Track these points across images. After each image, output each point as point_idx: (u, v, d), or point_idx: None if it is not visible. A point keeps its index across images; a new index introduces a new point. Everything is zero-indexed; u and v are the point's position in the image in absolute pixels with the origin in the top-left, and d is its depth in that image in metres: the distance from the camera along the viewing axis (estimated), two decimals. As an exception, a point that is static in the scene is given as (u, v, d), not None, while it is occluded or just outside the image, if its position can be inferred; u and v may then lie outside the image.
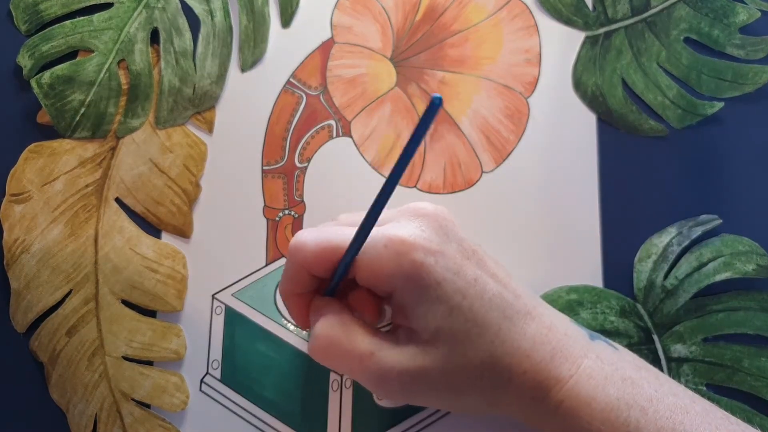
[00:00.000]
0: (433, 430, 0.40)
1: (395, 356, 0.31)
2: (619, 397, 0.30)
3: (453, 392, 0.31)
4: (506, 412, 0.32)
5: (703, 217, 0.42)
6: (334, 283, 0.33)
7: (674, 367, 0.40)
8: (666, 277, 0.41)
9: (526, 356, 0.30)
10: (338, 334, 0.32)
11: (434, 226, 0.32)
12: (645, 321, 0.40)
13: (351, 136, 0.43)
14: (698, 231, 0.41)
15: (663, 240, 0.41)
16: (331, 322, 0.32)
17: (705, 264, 0.41)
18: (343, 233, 0.32)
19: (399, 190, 0.42)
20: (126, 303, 0.41)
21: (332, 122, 0.43)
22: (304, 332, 0.41)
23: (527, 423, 0.32)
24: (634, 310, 0.40)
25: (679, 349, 0.40)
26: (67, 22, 0.43)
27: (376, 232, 0.31)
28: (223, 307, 0.41)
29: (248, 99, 0.43)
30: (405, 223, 0.32)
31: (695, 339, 0.40)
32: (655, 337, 0.40)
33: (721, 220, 0.41)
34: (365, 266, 0.31)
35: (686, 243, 0.41)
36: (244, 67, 0.44)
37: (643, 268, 0.41)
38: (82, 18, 0.43)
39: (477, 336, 0.30)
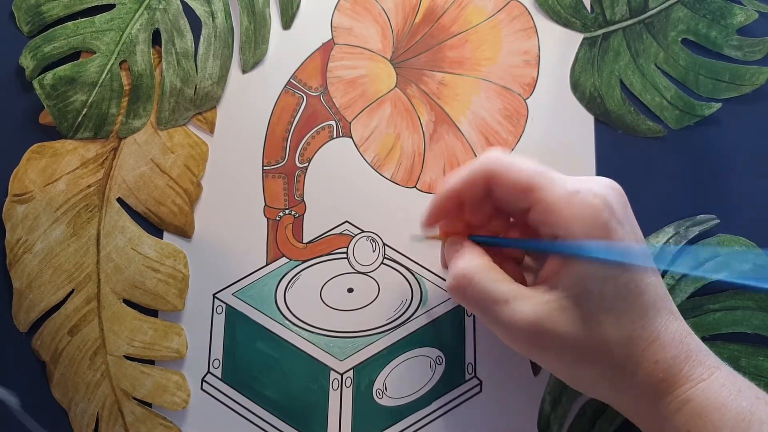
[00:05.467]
0: (432, 429, 0.40)
1: (531, 307, 0.31)
2: (753, 411, 0.30)
3: (578, 360, 0.31)
4: (621, 404, 0.33)
5: (700, 216, 0.42)
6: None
7: (672, 366, 0.40)
8: (663, 276, 0.41)
9: (662, 347, 0.31)
10: (481, 274, 0.33)
11: (621, 200, 0.33)
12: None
13: (351, 137, 0.43)
14: (695, 231, 0.41)
15: (660, 239, 0.42)
16: (476, 261, 0.33)
17: (702, 263, 0.41)
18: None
19: (399, 190, 0.43)
20: (127, 302, 0.41)
21: (332, 123, 0.43)
22: (304, 332, 0.41)
23: (638, 421, 0.33)
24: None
25: (676, 348, 0.40)
26: (69, 24, 0.43)
27: (565, 178, 0.32)
28: (224, 306, 0.41)
29: (249, 99, 0.44)
30: (599, 182, 0.33)
31: (693, 338, 0.40)
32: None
33: (718, 220, 0.42)
34: (548, 205, 0.32)
35: (683, 243, 0.41)
36: (245, 68, 0.44)
37: (641, 267, 0.41)
38: (84, 19, 0.43)
39: (622, 311, 0.31)
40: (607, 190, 0.32)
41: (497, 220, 0.36)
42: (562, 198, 0.31)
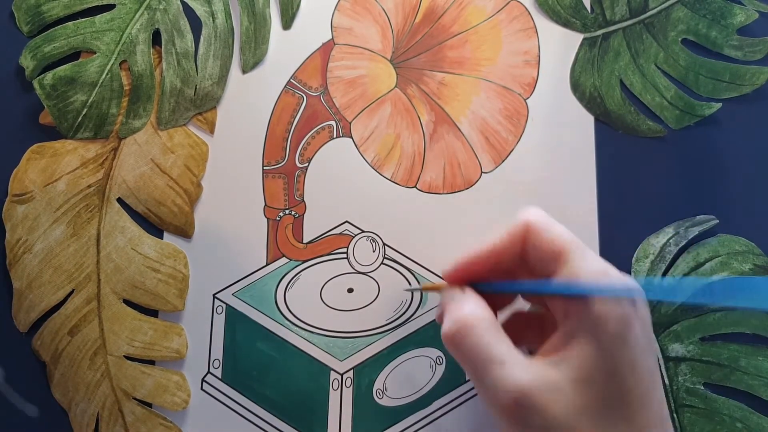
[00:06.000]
0: (431, 429, 0.40)
1: (527, 376, 0.29)
2: None
3: None
4: None
5: (700, 217, 0.42)
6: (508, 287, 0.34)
7: (672, 367, 0.40)
8: (663, 276, 0.41)
9: None
10: (483, 326, 0.31)
11: (646, 305, 0.31)
12: (643, 320, 0.41)
13: (351, 137, 0.43)
14: (695, 231, 0.41)
15: (660, 240, 0.42)
16: (480, 312, 0.31)
17: (702, 264, 0.41)
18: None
19: (399, 190, 0.43)
20: (128, 302, 0.41)
21: (332, 123, 0.43)
22: (304, 333, 0.41)
23: None
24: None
25: (676, 349, 0.40)
26: (70, 24, 0.43)
27: (599, 259, 0.31)
28: (224, 306, 0.41)
29: (249, 100, 0.44)
30: (630, 279, 0.31)
31: (693, 338, 0.40)
32: (653, 337, 0.40)
33: (718, 221, 0.42)
34: (574, 274, 0.31)
35: (683, 243, 0.41)
36: (245, 68, 0.44)
37: (640, 267, 0.41)
38: (84, 19, 0.43)
39: (619, 418, 0.29)
40: (633, 284, 0.31)
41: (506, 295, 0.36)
42: (591, 273, 0.30)
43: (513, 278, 0.34)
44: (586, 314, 0.30)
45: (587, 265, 0.31)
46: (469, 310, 0.31)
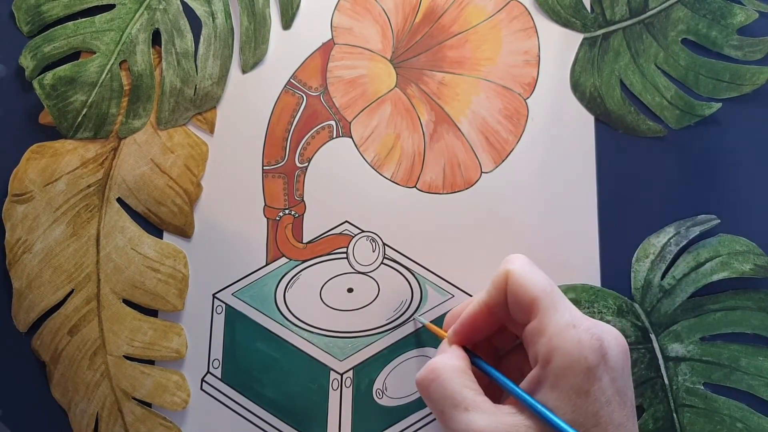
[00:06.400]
0: (431, 429, 0.40)
1: (487, 423, 0.30)
2: None
3: None
4: None
5: (701, 217, 0.42)
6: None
7: (672, 366, 0.40)
8: (664, 276, 0.41)
9: None
10: (449, 374, 0.32)
11: (622, 355, 0.32)
12: (642, 320, 0.40)
13: (351, 137, 0.43)
14: (696, 231, 0.41)
15: (661, 240, 0.41)
16: (451, 362, 0.33)
17: (702, 264, 0.41)
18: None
19: (399, 190, 0.43)
20: (127, 302, 0.41)
21: (332, 122, 0.43)
22: (304, 332, 0.41)
23: None
24: (631, 310, 0.41)
25: (676, 348, 0.40)
26: (69, 24, 0.43)
27: (573, 310, 0.32)
28: (223, 306, 0.41)
29: (249, 100, 0.44)
30: (604, 327, 0.32)
31: (693, 338, 0.40)
32: (653, 336, 0.40)
33: (719, 220, 0.42)
34: (541, 327, 0.32)
35: (684, 243, 0.41)
36: (245, 68, 0.44)
37: (640, 267, 0.41)
38: (84, 19, 0.43)
39: None
40: (608, 336, 0.31)
41: (504, 335, 0.37)
42: (558, 326, 0.31)
43: (505, 326, 0.36)
44: (551, 366, 0.31)
45: (556, 317, 0.32)
46: (439, 360, 0.33)
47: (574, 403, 0.30)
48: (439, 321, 0.41)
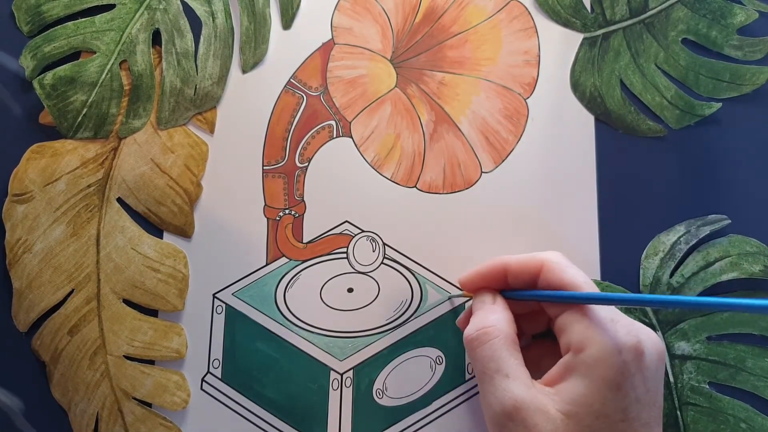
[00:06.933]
0: (431, 429, 0.40)
1: (523, 392, 0.31)
2: None
3: None
4: None
5: (712, 216, 0.42)
6: (533, 295, 0.35)
7: (677, 365, 0.40)
8: (672, 274, 0.41)
9: None
10: (505, 339, 0.33)
11: (657, 356, 0.32)
12: (650, 317, 0.40)
13: (351, 137, 0.43)
14: (706, 230, 0.41)
15: (671, 238, 0.41)
16: (506, 324, 0.34)
17: (712, 263, 0.41)
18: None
19: (399, 190, 0.43)
20: (127, 302, 0.41)
21: (332, 122, 0.43)
22: (304, 332, 0.41)
23: None
24: (639, 307, 0.41)
25: (683, 347, 0.40)
26: (70, 24, 0.43)
27: (618, 315, 0.33)
28: (223, 306, 0.41)
29: (249, 99, 0.44)
30: (644, 329, 0.32)
31: (699, 337, 0.40)
32: (660, 334, 0.40)
33: (729, 220, 0.42)
34: (581, 316, 0.32)
35: (694, 242, 0.41)
36: (245, 68, 0.44)
37: (650, 264, 0.41)
38: (84, 19, 0.43)
39: None
40: (645, 337, 0.31)
41: (537, 320, 0.37)
42: (597, 316, 0.32)
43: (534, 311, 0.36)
44: (585, 355, 0.31)
45: (596, 308, 0.32)
46: (493, 321, 0.34)
47: (604, 395, 0.30)
48: (439, 321, 0.41)
